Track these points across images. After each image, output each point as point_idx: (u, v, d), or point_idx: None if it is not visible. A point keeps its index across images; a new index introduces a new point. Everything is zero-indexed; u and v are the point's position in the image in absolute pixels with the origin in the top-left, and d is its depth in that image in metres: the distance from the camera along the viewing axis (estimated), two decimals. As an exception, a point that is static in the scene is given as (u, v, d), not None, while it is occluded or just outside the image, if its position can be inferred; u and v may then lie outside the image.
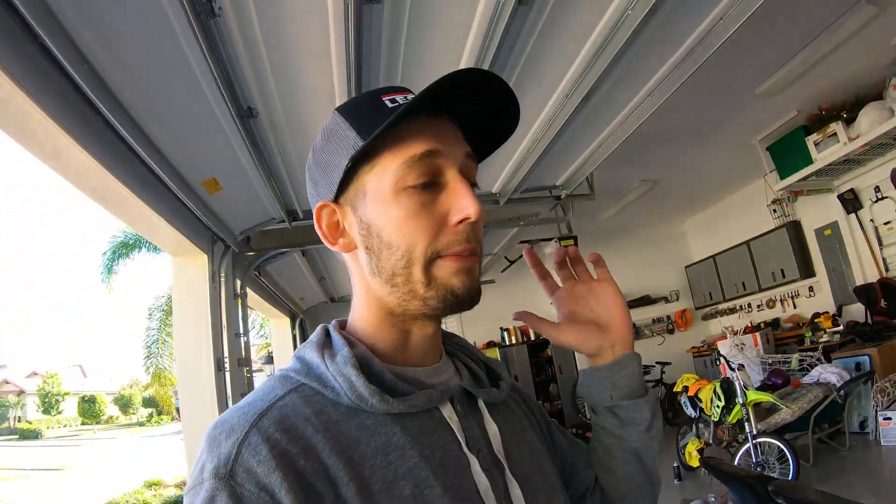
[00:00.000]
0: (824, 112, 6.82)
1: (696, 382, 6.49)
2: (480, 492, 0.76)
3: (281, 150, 3.50)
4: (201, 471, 0.66)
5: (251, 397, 0.75)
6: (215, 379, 4.13)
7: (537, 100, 3.55)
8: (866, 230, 7.88)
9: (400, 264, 0.78)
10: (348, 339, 0.81)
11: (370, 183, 0.79)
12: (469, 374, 0.94)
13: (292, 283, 7.44)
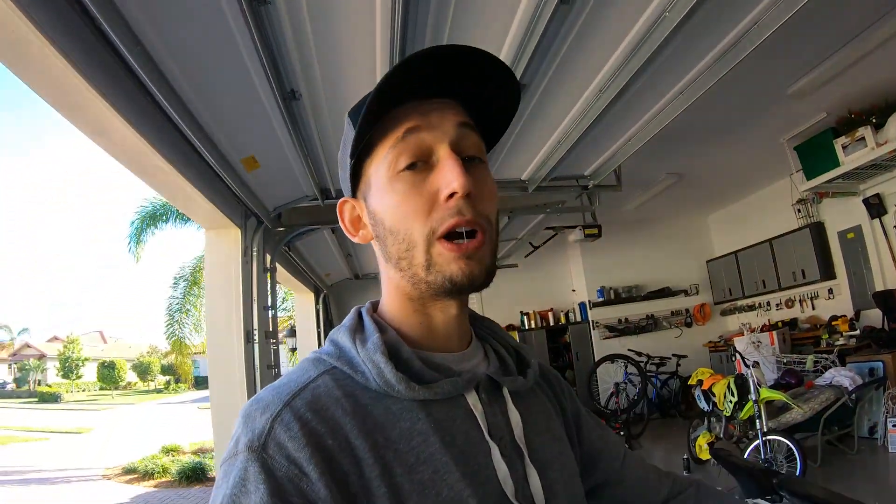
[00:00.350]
0: (854, 116, 6.76)
1: (710, 377, 6.52)
2: (500, 478, 0.79)
3: (320, 131, 3.61)
4: (236, 443, 0.70)
5: (286, 378, 0.79)
6: (244, 350, 4.27)
7: (571, 93, 3.62)
8: (889, 236, 7.82)
9: (402, 248, 0.80)
10: (379, 323, 0.85)
11: (373, 174, 0.83)
12: (497, 359, 0.96)
13: (319, 259, 7.59)
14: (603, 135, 4.31)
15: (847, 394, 5.93)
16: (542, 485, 0.84)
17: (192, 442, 14.51)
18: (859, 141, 6.64)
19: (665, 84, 3.77)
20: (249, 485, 0.66)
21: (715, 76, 3.56)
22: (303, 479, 0.67)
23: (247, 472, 0.67)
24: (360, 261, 8.48)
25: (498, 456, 0.80)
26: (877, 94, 6.37)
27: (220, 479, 0.70)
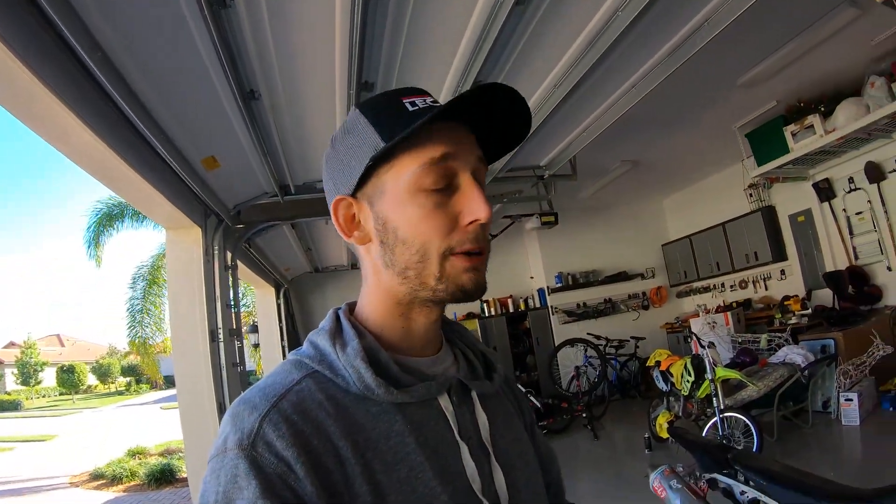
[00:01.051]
0: (803, 104, 6.98)
1: (668, 358, 6.67)
2: (468, 475, 0.84)
3: (279, 130, 3.63)
4: (224, 441, 0.73)
5: (270, 379, 0.81)
6: (209, 349, 4.27)
7: (527, 87, 3.70)
8: (838, 219, 8.08)
9: (414, 259, 0.83)
10: (357, 328, 0.87)
11: (388, 182, 0.83)
12: (466, 363, 1.00)
13: (279, 255, 7.58)
14: (558, 126, 4.40)
15: (800, 370, 6.11)
16: (506, 482, 0.89)
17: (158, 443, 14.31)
18: (808, 128, 6.85)
19: (618, 78, 3.87)
20: (241, 481, 0.69)
21: (667, 70, 3.68)
22: (290, 476, 0.70)
23: (237, 469, 0.70)
24: (321, 254, 8.50)
25: (467, 455, 0.85)
26: (826, 84, 6.58)
27: (209, 476, 0.73)
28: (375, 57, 2.95)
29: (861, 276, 7.71)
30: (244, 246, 5.72)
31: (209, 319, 4.33)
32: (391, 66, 3.07)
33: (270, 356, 8.95)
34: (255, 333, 9.82)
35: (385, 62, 3.02)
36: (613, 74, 3.79)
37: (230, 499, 0.69)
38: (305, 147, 4.00)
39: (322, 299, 10.01)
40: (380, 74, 3.12)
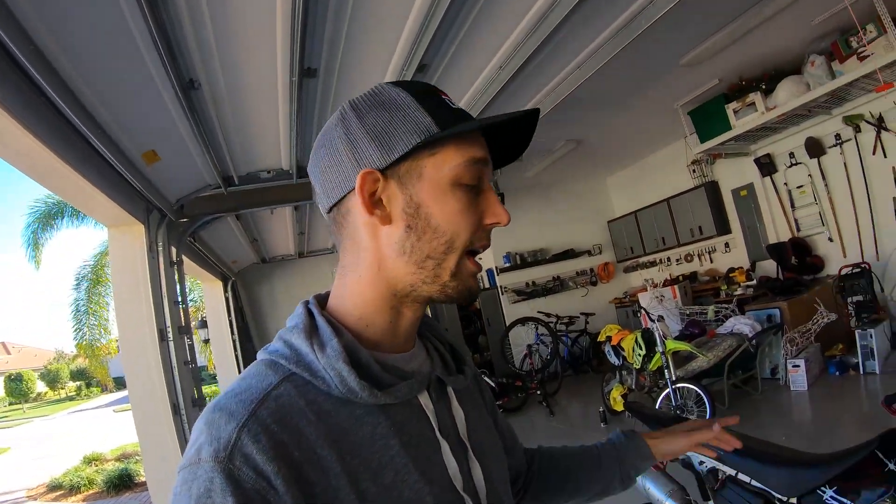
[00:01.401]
0: (745, 83, 7.15)
1: (618, 332, 6.76)
2: (450, 474, 0.85)
3: (221, 120, 3.53)
4: (198, 451, 0.69)
5: (244, 382, 0.77)
6: (160, 349, 4.16)
7: (472, 69, 3.67)
8: (780, 192, 8.33)
9: (440, 249, 0.83)
10: (333, 324, 0.84)
11: (428, 167, 0.83)
12: (438, 357, 1.00)
13: (225, 247, 7.44)
14: (502, 108, 4.38)
15: (748, 340, 6.28)
16: (483, 475, 0.91)
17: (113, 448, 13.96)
18: (750, 106, 7.01)
19: (563, 59, 3.88)
20: (215, 496, 0.66)
21: (612, 51, 3.69)
22: (270, 492, 0.67)
23: (212, 483, 0.66)
24: (267, 245, 8.38)
25: (448, 453, 0.86)
26: (767, 63, 6.76)
27: (179, 487, 0.69)
28: (318, 43, 2.88)
29: (803, 247, 7.96)
30: (189, 240, 5.59)
31: (157, 318, 4.21)
32: (334, 51, 3.00)
33: (221, 351, 8.77)
34: (204, 329, 9.63)
35: (328, 48, 2.96)
36: (558, 55, 3.79)
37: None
38: (248, 137, 3.91)
39: (270, 290, 9.88)
40: (323, 60, 3.05)
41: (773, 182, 8.40)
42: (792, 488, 2.27)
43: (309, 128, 3.89)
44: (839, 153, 7.46)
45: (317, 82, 3.26)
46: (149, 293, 4.22)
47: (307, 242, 8.61)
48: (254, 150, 4.17)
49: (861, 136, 7.18)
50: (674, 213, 10.12)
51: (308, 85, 3.25)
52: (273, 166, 4.57)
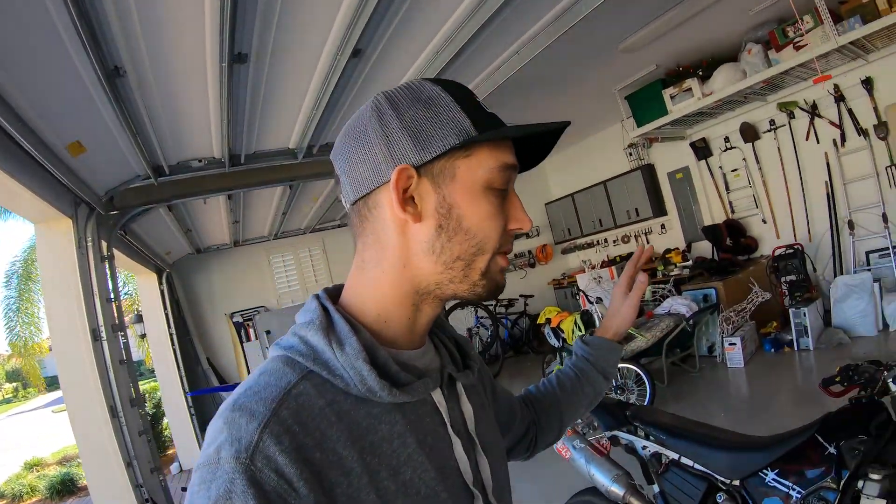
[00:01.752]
0: (682, 69, 7.27)
1: (557, 315, 6.84)
2: (461, 470, 0.87)
3: (149, 108, 3.39)
4: (217, 451, 0.68)
5: (262, 379, 0.76)
6: (93, 349, 4.01)
7: (409, 54, 3.61)
8: (715, 176, 8.55)
9: (470, 251, 0.83)
10: (350, 321, 0.83)
11: (461, 168, 0.82)
12: (446, 353, 1.01)
13: (158, 239, 7.22)
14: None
15: (685, 320, 6.44)
16: (490, 468, 0.93)
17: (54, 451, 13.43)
18: (686, 91, 7.14)
19: (502, 44, 3.86)
20: (236, 498, 0.64)
21: (551, 37, 3.69)
22: (291, 495, 0.66)
23: (233, 485, 0.65)
24: (201, 235, 8.20)
25: (460, 449, 0.88)
26: (705, 50, 6.88)
27: (196, 486, 0.68)
28: (249, 27, 2.79)
29: (737, 228, 8.19)
30: (119, 233, 5.39)
31: (89, 317, 4.06)
32: (265, 36, 2.91)
33: (159, 346, 8.51)
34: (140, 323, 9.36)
35: (259, 33, 2.86)
36: (497, 40, 3.77)
37: None
38: (178, 125, 3.77)
39: (207, 281, 9.66)
40: (254, 46, 2.95)
41: (708, 165, 8.59)
42: (734, 471, 2.32)
43: (241, 115, 3.79)
44: (773, 138, 7.68)
45: (248, 68, 3.16)
46: (79, 291, 4.07)
47: (242, 231, 8.47)
48: (184, 138, 4.03)
49: (795, 123, 7.41)
50: (611, 195, 10.25)
51: (239, 71, 3.15)
52: (205, 155, 4.43)
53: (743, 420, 5.02)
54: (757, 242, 8.20)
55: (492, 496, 0.92)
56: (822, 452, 2.06)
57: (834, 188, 7.15)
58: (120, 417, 4.06)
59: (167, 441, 10.13)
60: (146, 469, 4.29)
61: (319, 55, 3.21)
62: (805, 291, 6.79)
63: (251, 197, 6.49)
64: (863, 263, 6.98)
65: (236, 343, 9.49)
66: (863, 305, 6.38)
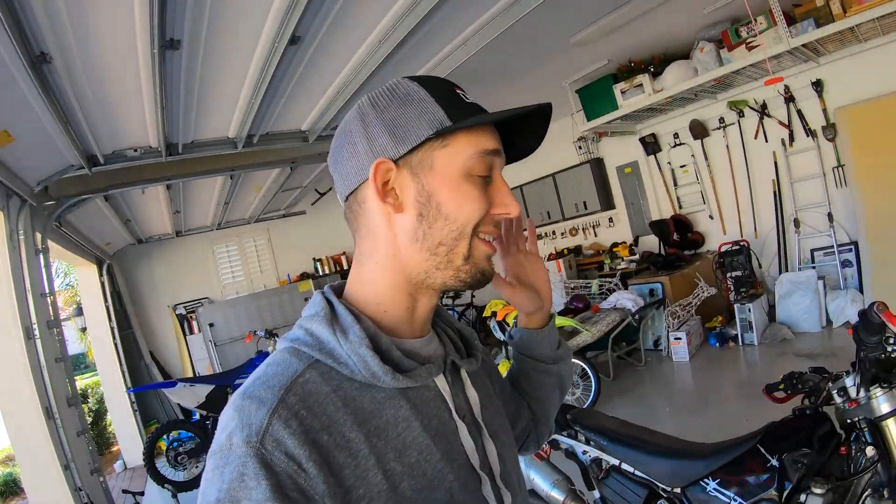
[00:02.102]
0: (633, 64, 7.32)
1: (503, 308, 6.81)
2: (467, 453, 0.90)
3: (78, 96, 3.26)
4: (229, 437, 0.71)
5: (270, 370, 0.80)
6: (27, 348, 3.86)
7: (350, 43, 3.55)
8: (663, 171, 8.65)
9: (451, 236, 0.86)
10: (353, 311, 0.87)
11: (440, 158, 0.86)
12: (450, 342, 1.04)
13: (96, 229, 7.03)
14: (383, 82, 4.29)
15: (631, 314, 6.50)
16: (497, 452, 0.96)
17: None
18: (637, 87, 7.17)
19: (447, 35, 3.83)
20: (249, 480, 0.67)
21: (498, 28, 3.68)
22: (301, 475, 0.70)
23: (245, 468, 0.68)
24: (141, 225, 7.99)
25: (465, 433, 0.91)
26: (657, 47, 6.93)
27: (211, 473, 0.71)
28: (180, 12, 2.69)
29: (684, 223, 8.31)
30: (55, 224, 5.20)
31: (21, 314, 3.90)
32: (198, 22, 2.81)
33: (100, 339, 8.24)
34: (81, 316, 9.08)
35: (191, 18, 2.76)
36: (442, 30, 3.73)
37: (236, 498, 0.67)
38: (111, 113, 3.63)
39: (150, 272, 9.44)
40: (186, 31, 2.85)
41: (657, 161, 8.70)
42: (675, 479, 2.31)
43: (176, 103, 3.67)
44: (722, 136, 7.80)
45: (181, 54, 3.06)
46: (10, 287, 3.90)
47: (184, 221, 8.31)
48: (118, 127, 3.89)
49: (744, 121, 7.54)
50: (559, 187, 10.28)
51: (172, 57, 3.05)
52: (140, 144, 4.29)
53: (687, 414, 5.12)
54: (703, 238, 8.33)
55: (499, 479, 0.95)
56: (764, 463, 2.07)
57: (781, 187, 7.31)
58: (56, 418, 3.92)
59: (111, 438, 9.85)
60: (85, 471, 4.15)
61: (256, 42, 3.13)
62: (750, 287, 6.92)
63: (191, 187, 6.35)
64: (807, 261, 7.15)
65: (180, 336, 9.30)
66: (807, 302, 6.53)
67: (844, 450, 1.94)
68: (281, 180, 6.69)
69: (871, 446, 1.84)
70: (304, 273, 10.57)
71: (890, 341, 1.81)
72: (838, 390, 1.96)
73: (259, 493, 0.66)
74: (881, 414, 1.82)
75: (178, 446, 6.18)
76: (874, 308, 1.83)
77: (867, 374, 1.86)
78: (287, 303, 9.47)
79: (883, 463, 1.82)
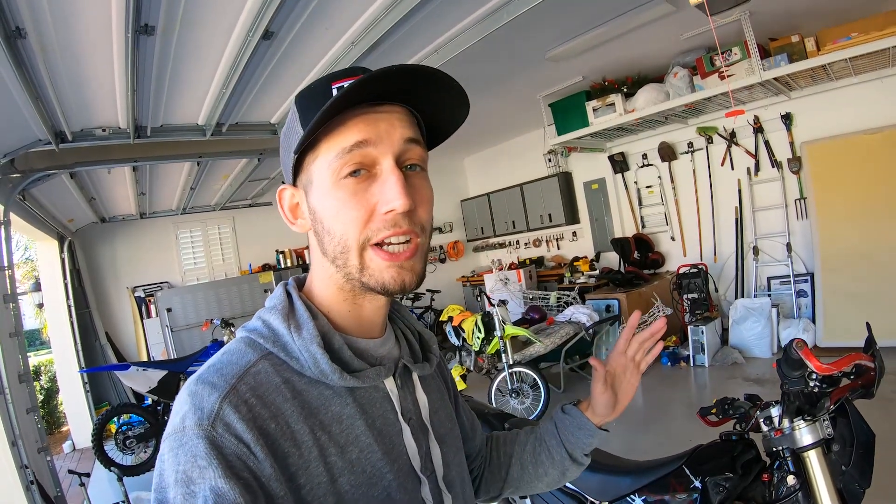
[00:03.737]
0: (607, 83, 7.48)
1: (460, 314, 6.95)
2: (409, 454, 0.93)
3: (50, 72, 3.26)
4: (182, 420, 0.74)
5: (225, 358, 0.83)
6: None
7: (324, 41, 3.59)
8: (629, 190, 8.88)
9: (338, 249, 0.86)
10: (311, 308, 0.91)
11: (315, 172, 0.86)
12: (406, 344, 1.07)
13: (60, 205, 6.94)
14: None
15: (585, 329, 6.62)
16: (441, 457, 0.99)
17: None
18: (609, 106, 7.35)
19: (420, 41, 3.88)
20: (201, 460, 0.71)
21: (471, 39, 3.74)
22: (250, 458, 0.73)
23: (197, 449, 0.71)
24: (106, 204, 7.89)
25: (409, 435, 0.94)
26: (632, 67, 7.11)
27: (166, 454, 0.74)
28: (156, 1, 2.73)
29: (646, 243, 8.51)
30: (18, 198, 5.16)
31: (-22, 288, 3.84)
32: (174, 9, 2.84)
33: (56, 317, 8.11)
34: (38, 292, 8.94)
35: (167, 5, 2.78)
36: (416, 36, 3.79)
37: (190, 478, 0.71)
38: (81, 92, 3.63)
39: (111, 251, 9.29)
40: (161, 17, 2.88)
41: (623, 179, 8.91)
42: (603, 493, 2.38)
43: (147, 87, 3.69)
44: (690, 160, 8.07)
45: (155, 40, 3.08)
46: (-33, 258, 3.86)
47: (149, 203, 8.26)
48: (88, 106, 3.89)
49: (712, 147, 7.80)
50: (526, 198, 10.48)
51: (146, 42, 3.08)
52: (109, 124, 4.28)
53: (634, 431, 5.22)
54: (664, 258, 8.54)
55: (441, 482, 0.98)
56: (687, 484, 2.11)
57: (743, 214, 7.56)
58: (6, 394, 3.87)
59: (61, 417, 9.73)
60: (32, 449, 4.11)
61: (230, 34, 3.16)
62: (705, 310, 7.12)
63: (158, 170, 6.32)
64: (763, 288, 7.39)
65: (137, 319, 9.18)
66: (759, 328, 6.73)
67: (767, 477, 1.99)
68: (248, 170, 6.68)
69: (793, 475, 1.88)
70: (265, 264, 10.50)
71: (813, 377, 1.85)
72: (765, 419, 1.99)
73: (211, 472, 0.70)
74: (803, 445, 1.85)
75: (127, 430, 6.18)
76: (793, 345, 1.87)
77: (791, 405, 1.90)
78: (246, 293, 9.40)
79: (803, 492, 1.86)
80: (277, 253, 10.75)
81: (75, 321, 8.04)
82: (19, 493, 3.80)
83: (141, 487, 5.21)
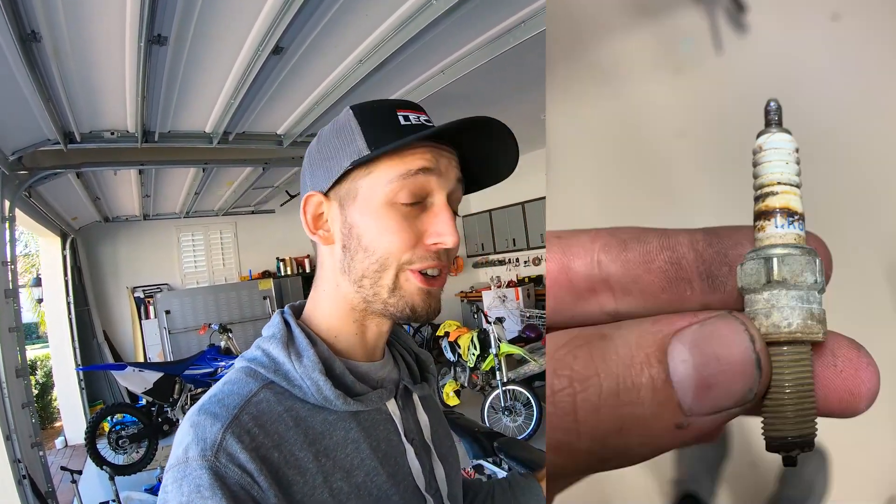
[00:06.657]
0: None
1: (456, 329, 6.96)
2: (414, 475, 0.91)
3: (63, 75, 3.33)
4: (185, 451, 0.73)
5: (226, 388, 0.82)
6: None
7: (332, 58, 3.66)
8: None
9: (372, 268, 0.84)
10: (309, 335, 0.88)
11: (363, 188, 0.84)
12: (405, 365, 1.06)
13: (64, 203, 7.00)
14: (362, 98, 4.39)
15: (581, 348, 6.58)
16: (445, 475, 0.97)
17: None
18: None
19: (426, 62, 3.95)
20: (205, 491, 0.69)
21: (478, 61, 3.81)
22: (254, 487, 0.72)
23: (201, 480, 0.70)
24: (110, 204, 7.96)
25: (413, 456, 0.92)
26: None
27: (170, 486, 0.73)
28: (170, 10, 2.79)
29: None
30: (24, 195, 5.23)
31: (-20, 280, 3.89)
32: (187, 21, 2.91)
33: (54, 313, 8.16)
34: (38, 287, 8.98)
35: (181, 17, 2.86)
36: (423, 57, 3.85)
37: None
38: (92, 96, 3.72)
39: (113, 251, 9.34)
40: (174, 29, 2.96)
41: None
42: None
43: (156, 94, 3.77)
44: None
45: (167, 50, 3.16)
46: (-28, 252, 3.90)
47: (153, 205, 8.31)
48: (98, 109, 3.98)
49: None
50: (527, 216, 10.48)
51: (157, 52, 3.15)
52: (118, 127, 4.37)
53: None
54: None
55: (447, 500, 0.97)
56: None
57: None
58: (3, 388, 3.91)
59: (55, 413, 9.74)
60: (26, 444, 4.13)
61: (241, 47, 3.23)
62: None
63: (164, 173, 6.41)
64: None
65: (135, 319, 9.20)
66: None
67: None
68: (252, 178, 6.75)
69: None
70: (265, 271, 10.52)
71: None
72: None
73: (216, 503, 0.69)
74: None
75: (120, 429, 6.16)
76: None
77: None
78: (245, 299, 9.42)
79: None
80: (278, 260, 10.78)
81: (74, 318, 8.07)
82: (11, 487, 3.83)
83: (131, 487, 5.23)
